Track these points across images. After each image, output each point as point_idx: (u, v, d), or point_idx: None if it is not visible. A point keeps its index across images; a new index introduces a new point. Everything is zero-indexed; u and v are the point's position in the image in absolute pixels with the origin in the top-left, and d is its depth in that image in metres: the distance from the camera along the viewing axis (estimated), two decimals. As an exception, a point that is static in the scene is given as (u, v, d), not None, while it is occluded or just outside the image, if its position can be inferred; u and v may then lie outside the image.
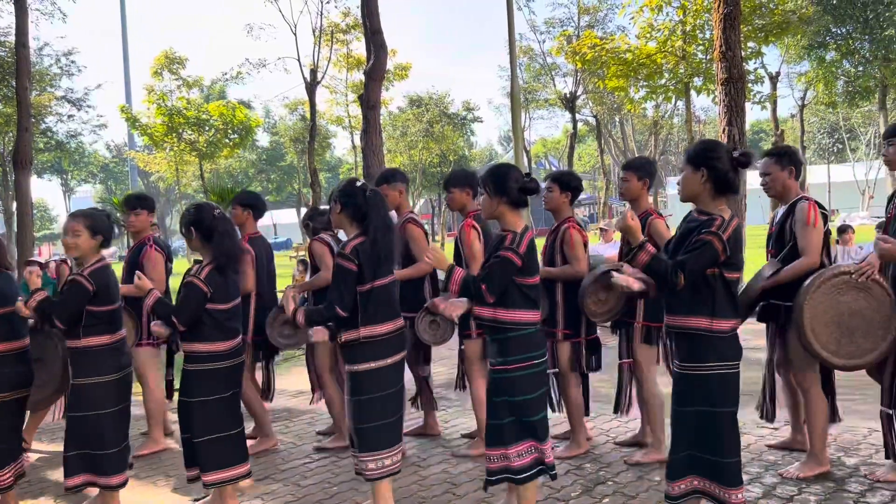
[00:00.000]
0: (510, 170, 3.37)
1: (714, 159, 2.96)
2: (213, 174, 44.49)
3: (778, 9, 18.97)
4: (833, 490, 3.68)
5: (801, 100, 35.89)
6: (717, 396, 2.97)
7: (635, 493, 3.80)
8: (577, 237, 4.26)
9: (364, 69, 13.11)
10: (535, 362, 3.26)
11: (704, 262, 2.89)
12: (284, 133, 46.16)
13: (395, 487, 3.98)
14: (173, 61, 29.67)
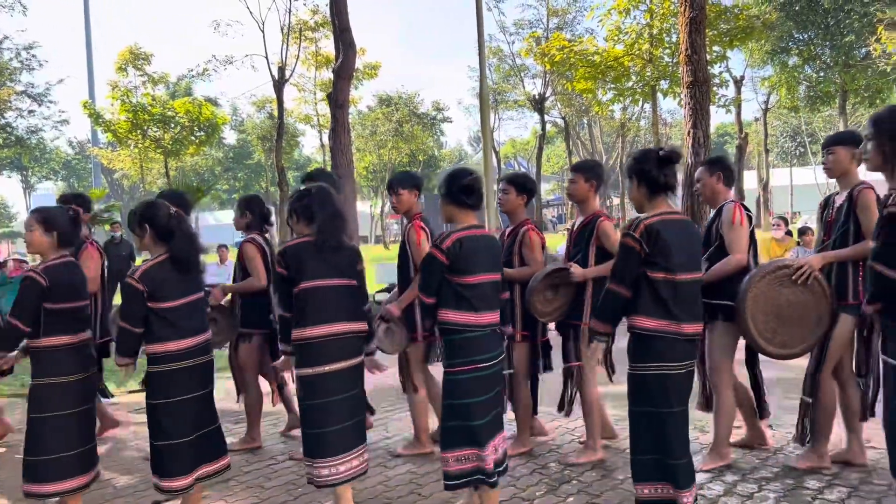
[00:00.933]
0: (459, 171, 3.48)
1: (642, 165, 3.15)
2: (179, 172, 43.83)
3: (742, 14, 19.33)
4: (792, 487, 3.75)
5: (765, 104, 36.58)
6: (657, 397, 3.04)
7: (600, 492, 3.82)
8: (536, 239, 4.33)
9: (333, 67, 13.04)
10: (480, 366, 3.26)
11: (625, 263, 3.06)
12: (252, 131, 45.71)
13: (361, 488, 3.96)
14: (138, 57, 29.17)
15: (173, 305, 3.46)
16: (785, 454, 4.25)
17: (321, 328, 3.43)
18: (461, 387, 3.24)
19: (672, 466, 3.04)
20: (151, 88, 30.43)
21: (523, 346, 4.44)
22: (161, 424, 3.45)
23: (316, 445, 3.43)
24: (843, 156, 3.84)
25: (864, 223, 3.67)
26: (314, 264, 3.45)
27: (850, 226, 3.74)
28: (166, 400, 3.44)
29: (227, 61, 27.65)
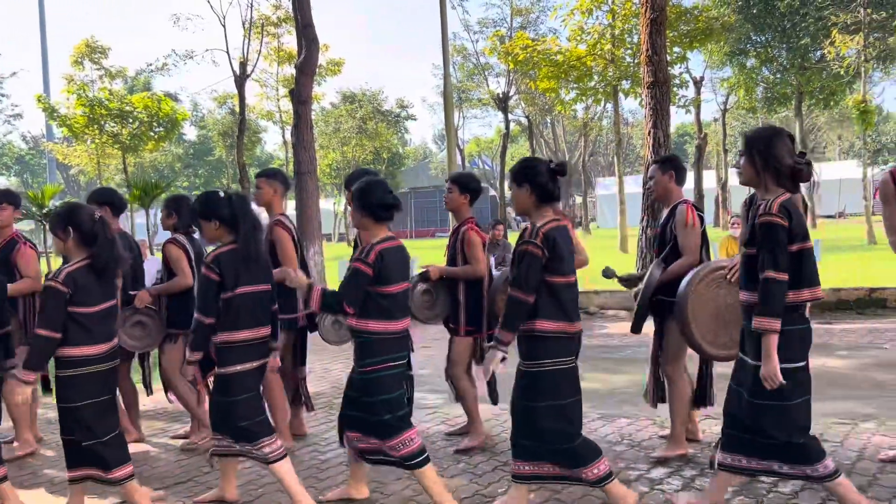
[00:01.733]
0: (373, 186, 3.57)
1: (535, 174, 3.30)
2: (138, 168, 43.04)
3: (702, 16, 19.66)
4: (748, 482, 3.81)
5: (724, 104, 37.23)
6: (557, 389, 3.25)
7: (560, 489, 3.85)
8: (476, 238, 4.46)
9: (295, 63, 12.91)
10: (392, 364, 3.51)
11: (527, 270, 3.19)
12: (213, 127, 45.08)
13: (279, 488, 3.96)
14: (95, 50, 28.56)
15: (92, 311, 3.46)
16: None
17: (249, 332, 3.61)
18: (375, 384, 3.47)
19: (572, 450, 3.29)
20: (109, 83, 29.85)
21: (465, 341, 4.58)
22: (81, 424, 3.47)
23: (254, 431, 3.60)
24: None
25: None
26: (243, 271, 3.59)
27: None
28: (76, 404, 3.45)
29: (187, 56, 27.33)
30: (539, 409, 3.28)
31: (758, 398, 3.08)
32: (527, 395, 3.31)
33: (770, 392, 3.02)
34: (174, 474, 4.37)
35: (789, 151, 3.08)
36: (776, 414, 3.06)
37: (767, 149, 3.09)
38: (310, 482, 4.09)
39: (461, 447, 4.54)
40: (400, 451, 3.49)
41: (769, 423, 3.07)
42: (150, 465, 4.57)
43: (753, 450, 3.17)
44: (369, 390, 3.49)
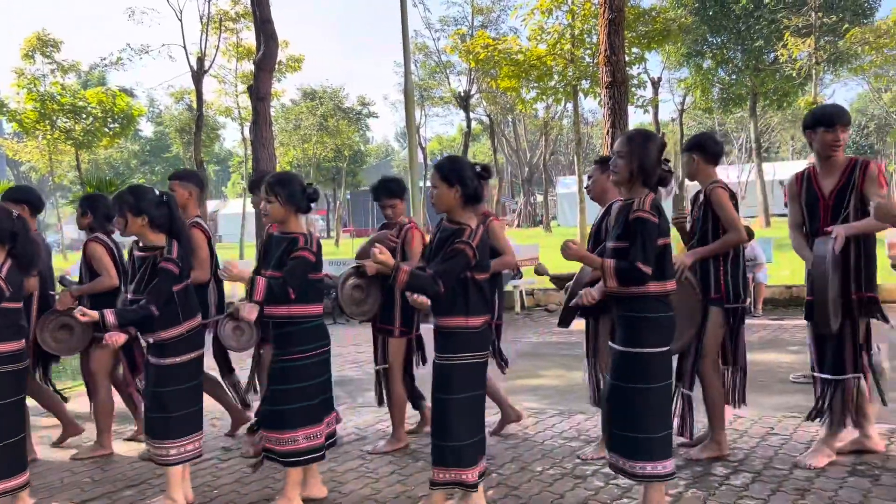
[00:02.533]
0: (296, 179, 3.68)
1: (465, 176, 3.33)
2: (92, 165, 42.10)
3: (660, 17, 19.93)
4: (701, 474, 3.89)
5: (681, 105, 37.84)
6: (474, 382, 3.33)
7: (517, 485, 3.88)
8: (418, 236, 4.54)
9: (254, 59, 12.76)
10: (322, 350, 3.65)
11: (458, 269, 3.25)
12: (170, 123, 44.28)
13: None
14: (46, 44, 27.81)
15: (19, 307, 3.59)
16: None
17: (195, 320, 3.71)
18: (306, 370, 3.56)
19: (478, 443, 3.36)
20: (61, 77, 29.11)
21: (401, 342, 4.57)
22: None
23: (177, 428, 3.63)
24: (693, 159, 4.16)
25: (722, 218, 3.98)
26: (188, 263, 3.73)
27: (710, 224, 4.04)
28: None
29: (142, 51, 26.68)
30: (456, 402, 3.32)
31: (624, 381, 3.23)
32: (442, 389, 3.34)
33: (636, 375, 3.20)
34: (126, 477, 4.28)
35: (658, 157, 3.26)
36: (642, 396, 3.18)
37: (646, 153, 3.23)
38: (234, 487, 4.08)
39: (377, 450, 4.53)
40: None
41: (635, 405, 3.19)
42: (102, 468, 4.48)
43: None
44: (289, 378, 3.55)
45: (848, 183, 3.81)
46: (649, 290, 3.19)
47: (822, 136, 3.84)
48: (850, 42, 23.91)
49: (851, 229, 3.70)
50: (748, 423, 4.71)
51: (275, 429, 3.58)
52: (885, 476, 3.70)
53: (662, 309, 3.24)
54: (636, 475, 3.23)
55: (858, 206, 3.78)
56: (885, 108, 43.25)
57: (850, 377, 3.85)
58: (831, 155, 3.85)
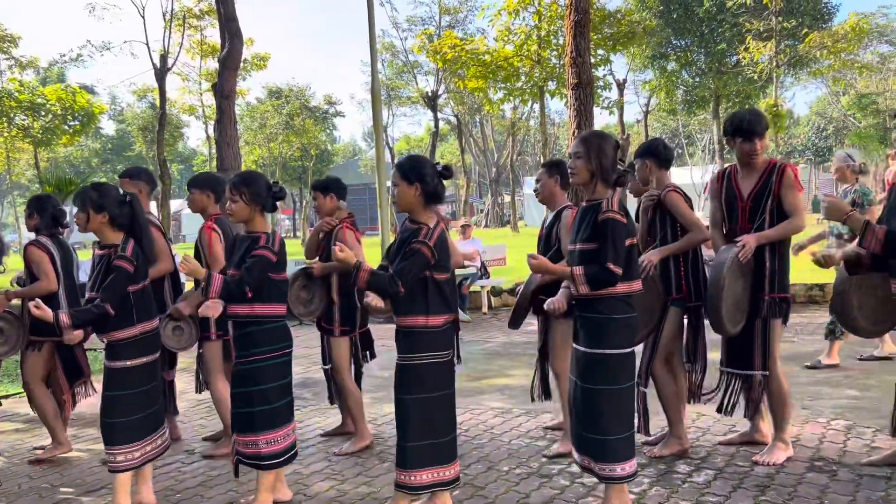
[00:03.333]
0: (260, 178, 3.64)
1: (426, 175, 3.32)
2: (51, 163, 41.19)
3: (625, 19, 20.16)
4: (664, 472, 3.95)
5: (646, 106, 38.31)
6: (431, 383, 3.29)
7: (484, 485, 3.89)
8: (351, 235, 4.54)
9: (218, 57, 12.60)
10: (284, 353, 3.60)
11: (416, 268, 3.23)
12: (132, 121, 43.50)
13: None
14: (3, 39, 27.11)
15: None
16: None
17: (150, 324, 3.66)
18: (266, 372, 3.52)
19: (441, 445, 3.31)
20: (19, 73, 28.42)
21: (343, 341, 4.62)
22: None
23: (121, 432, 3.56)
24: (646, 164, 4.27)
25: (681, 219, 4.08)
26: (145, 265, 3.68)
27: (668, 228, 4.15)
28: None
29: (103, 47, 26.23)
30: (420, 402, 3.31)
31: (589, 382, 3.25)
32: (403, 389, 3.33)
33: (601, 376, 3.22)
34: (85, 482, 4.20)
35: (615, 158, 3.31)
36: (607, 397, 3.21)
37: (603, 154, 3.27)
38: (198, 490, 4.04)
39: (344, 451, 4.51)
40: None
41: (601, 407, 3.21)
42: (61, 473, 4.38)
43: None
44: (250, 380, 3.52)
45: (766, 186, 3.93)
46: (616, 291, 3.22)
47: (739, 146, 3.98)
48: (808, 46, 24.42)
49: (762, 238, 3.84)
50: (710, 421, 4.79)
51: (239, 432, 3.55)
52: (841, 472, 3.79)
53: (628, 310, 3.27)
54: (602, 476, 3.25)
55: (775, 210, 3.91)
56: (842, 111, 44.28)
57: (757, 374, 3.99)
58: (749, 162, 3.99)
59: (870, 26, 25.73)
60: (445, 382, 3.35)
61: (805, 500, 3.47)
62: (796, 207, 3.86)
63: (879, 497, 3.43)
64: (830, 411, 4.97)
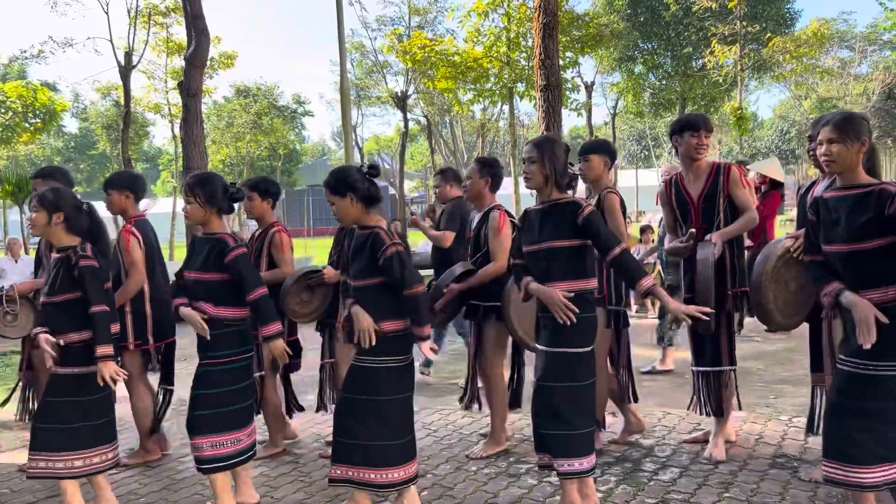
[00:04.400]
0: (217, 179, 3.57)
1: (353, 182, 3.29)
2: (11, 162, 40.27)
3: (593, 22, 20.31)
4: (630, 470, 3.99)
5: (613, 109, 38.65)
6: (385, 386, 3.26)
7: (452, 485, 3.89)
8: (286, 240, 4.45)
9: (184, 55, 12.43)
10: (243, 357, 3.52)
11: (410, 266, 3.22)
12: (96, 119, 42.63)
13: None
14: (-39, 34, 26.47)
15: None
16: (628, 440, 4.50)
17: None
18: (223, 376, 3.46)
19: (386, 448, 3.26)
20: (-22, 69, 27.75)
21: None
22: None
23: (68, 440, 3.46)
24: (596, 163, 4.31)
25: (611, 224, 4.08)
26: (107, 266, 3.64)
27: None
28: None
29: (66, 44, 25.64)
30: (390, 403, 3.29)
31: (550, 380, 3.28)
32: (353, 389, 3.31)
33: (564, 374, 3.25)
34: (46, 487, 4.10)
35: (566, 161, 3.37)
36: (569, 395, 3.23)
37: (556, 158, 3.32)
38: (162, 494, 3.99)
39: (263, 454, 4.45)
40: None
41: (563, 404, 3.23)
42: (21, 478, 4.27)
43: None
44: (206, 383, 3.46)
45: (715, 186, 4.04)
46: (587, 289, 3.27)
47: (687, 140, 4.06)
48: (772, 50, 24.87)
49: (725, 235, 3.94)
50: (675, 420, 4.85)
51: (190, 433, 3.49)
52: (803, 468, 3.86)
53: (589, 308, 3.31)
54: (561, 472, 3.27)
55: (728, 208, 4.03)
56: (805, 114, 45.13)
57: (726, 369, 4.08)
58: (696, 158, 4.08)
59: (831, 32, 26.32)
60: (405, 386, 3.32)
61: (767, 496, 3.53)
62: (748, 202, 3.98)
63: (839, 493, 3.51)
64: (792, 409, 5.07)
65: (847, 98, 38.15)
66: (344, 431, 3.29)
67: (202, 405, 3.44)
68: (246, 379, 3.57)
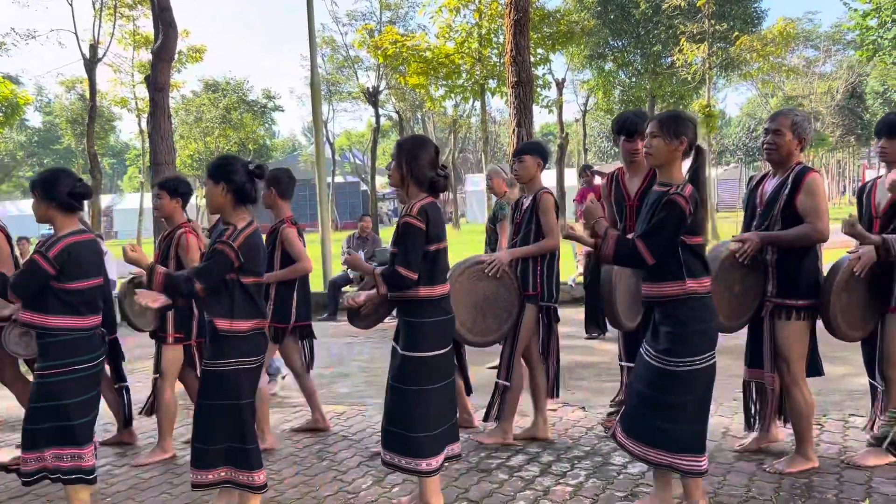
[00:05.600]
0: (60, 175, 3.47)
1: (232, 173, 3.23)
2: (-28, 156, 39.36)
3: (564, 19, 20.41)
4: (600, 464, 4.02)
5: (584, 106, 38.96)
6: (238, 389, 3.19)
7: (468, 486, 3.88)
8: (194, 241, 4.33)
9: (151, 48, 12.24)
10: (79, 367, 3.33)
11: (216, 269, 3.15)
12: (60, 113, 41.85)
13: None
14: (-81, 24, 25.76)
15: None
16: (596, 435, 4.54)
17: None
18: (59, 388, 3.29)
19: (246, 451, 3.22)
20: (-63, 61, 27.04)
21: (176, 349, 4.38)
22: None
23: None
24: (530, 163, 4.39)
25: (543, 223, 4.25)
26: None
27: (533, 226, 4.31)
28: None
29: (28, 35, 25.09)
30: (211, 409, 3.23)
31: (398, 382, 3.32)
32: (205, 394, 3.26)
33: (411, 378, 3.26)
34: (9, 488, 4.02)
35: (431, 162, 3.37)
36: (416, 397, 3.26)
37: (414, 158, 3.35)
38: (129, 493, 3.94)
39: (137, 462, 4.35)
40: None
41: (410, 406, 3.27)
42: None
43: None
44: (49, 396, 3.31)
45: (651, 185, 4.05)
46: (419, 295, 3.27)
47: (622, 145, 4.16)
48: (739, 49, 25.22)
49: None
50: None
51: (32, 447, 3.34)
52: (768, 460, 3.93)
53: (437, 313, 3.30)
54: (406, 469, 3.31)
55: None
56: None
57: None
58: (633, 161, 4.16)
59: (796, 31, 26.73)
60: (246, 391, 3.23)
61: (734, 488, 3.59)
62: None
63: (802, 483, 3.58)
64: (758, 402, 5.14)
65: (812, 96, 38.86)
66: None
67: (46, 417, 3.29)
68: (91, 391, 3.40)
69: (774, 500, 3.42)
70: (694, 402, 3.12)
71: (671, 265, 3.07)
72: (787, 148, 3.65)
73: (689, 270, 3.07)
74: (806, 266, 3.65)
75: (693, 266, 3.09)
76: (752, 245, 3.60)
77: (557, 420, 4.88)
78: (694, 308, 3.09)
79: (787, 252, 3.65)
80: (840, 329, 3.74)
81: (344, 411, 5.27)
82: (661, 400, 3.13)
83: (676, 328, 3.09)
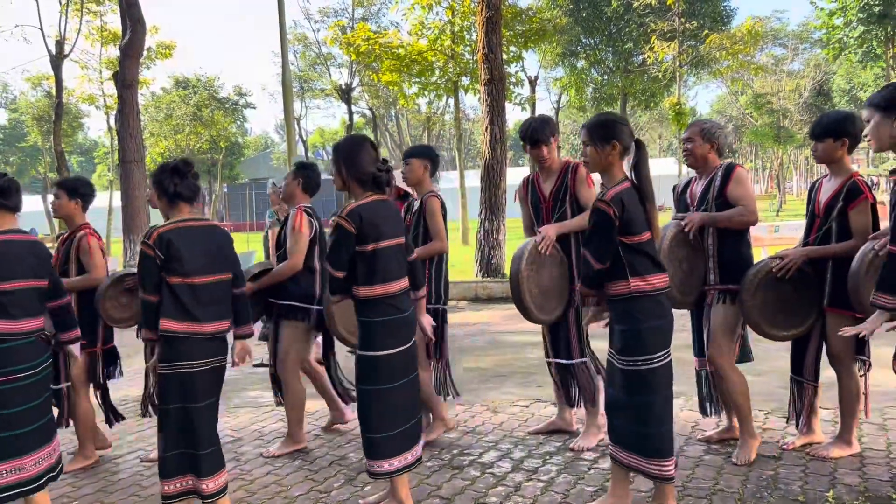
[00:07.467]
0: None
1: (162, 181, 3.34)
2: (-65, 154, 38.51)
3: (536, 17, 20.52)
4: (571, 460, 4.05)
5: (557, 103, 39.14)
6: (185, 394, 3.17)
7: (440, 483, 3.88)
8: (95, 244, 4.27)
9: (119, 44, 12.07)
10: (20, 376, 3.16)
11: (147, 271, 3.18)
12: (26, 110, 41.07)
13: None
14: None
15: None
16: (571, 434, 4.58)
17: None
18: (8, 395, 3.13)
19: (198, 457, 3.18)
20: None
21: (81, 356, 4.19)
22: None
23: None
24: (416, 166, 4.48)
25: (430, 227, 4.35)
26: None
27: (421, 229, 4.40)
28: None
29: (-8, 31, 24.57)
30: (162, 413, 3.23)
31: (357, 382, 3.34)
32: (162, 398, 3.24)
33: (363, 376, 3.28)
34: None
35: (372, 160, 3.38)
36: (373, 396, 3.27)
37: (351, 158, 3.36)
38: (97, 496, 3.87)
39: (68, 469, 4.22)
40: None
41: (368, 406, 3.27)
42: None
43: None
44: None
45: (563, 184, 4.20)
46: (359, 295, 3.29)
47: (529, 152, 4.26)
48: (709, 47, 25.55)
49: (561, 228, 4.10)
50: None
51: None
52: (735, 453, 3.98)
53: (387, 312, 3.28)
54: (369, 472, 3.33)
55: (574, 205, 4.17)
56: (741, 109, 46.53)
57: (577, 362, 4.24)
58: (543, 166, 4.25)
59: (765, 29, 27.16)
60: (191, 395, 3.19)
61: (702, 481, 3.64)
62: (590, 200, 4.04)
63: (769, 476, 3.64)
64: (726, 396, 5.21)
65: (780, 94, 39.43)
66: None
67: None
68: (38, 398, 3.25)
69: (741, 493, 3.48)
70: (659, 402, 3.15)
71: (615, 265, 3.12)
72: (700, 152, 3.92)
73: (633, 269, 3.09)
74: (741, 252, 3.88)
75: (638, 264, 3.10)
76: (694, 222, 3.82)
77: (530, 416, 4.91)
78: (644, 306, 3.11)
79: (724, 241, 3.85)
80: (760, 326, 3.86)
81: (316, 410, 5.25)
82: (629, 401, 3.16)
83: (628, 326, 3.13)
